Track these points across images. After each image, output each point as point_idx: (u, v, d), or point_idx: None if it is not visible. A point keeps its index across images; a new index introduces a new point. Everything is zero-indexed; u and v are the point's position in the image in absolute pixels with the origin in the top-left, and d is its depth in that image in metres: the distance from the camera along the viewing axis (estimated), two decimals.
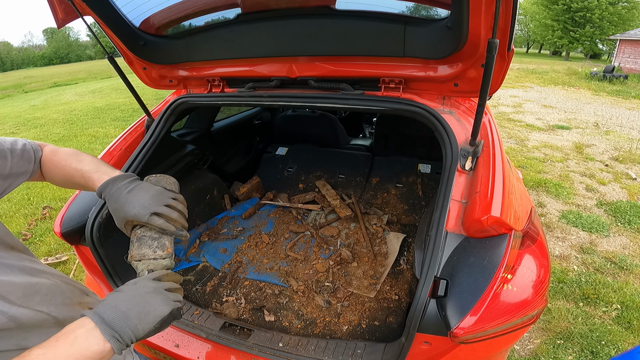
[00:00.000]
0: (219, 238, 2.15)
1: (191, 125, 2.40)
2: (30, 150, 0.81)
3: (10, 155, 0.76)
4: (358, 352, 1.26)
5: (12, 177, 0.77)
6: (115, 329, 0.55)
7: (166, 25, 1.50)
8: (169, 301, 0.62)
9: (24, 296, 0.61)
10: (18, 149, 0.78)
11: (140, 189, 0.73)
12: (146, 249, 0.73)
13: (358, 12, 1.27)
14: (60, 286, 0.69)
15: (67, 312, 0.67)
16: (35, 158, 0.82)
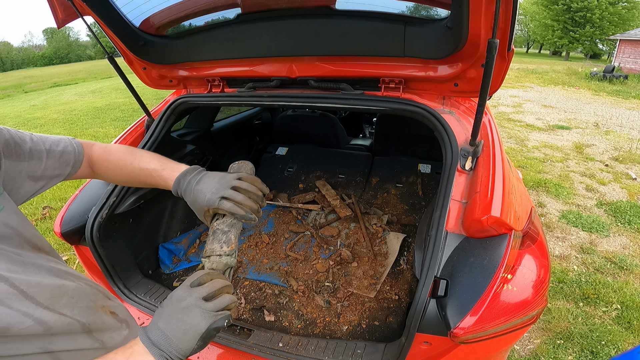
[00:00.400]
0: None
1: (191, 125, 2.40)
2: (70, 153, 0.79)
3: (45, 157, 0.74)
4: (358, 352, 1.26)
5: (45, 179, 0.75)
6: (162, 350, 0.55)
7: (166, 25, 1.50)
8: (206, 314, 0.57)
9: (52, 297, 0.59)
10: (57, 151, 0.76)
11: (207, 177, 0.74)
12: (216, 243, 0.72)
13: (358, 12, 1.27)
14: (85, 289, 0.68)
15: (90, 315, 0.66)
16: (75, 161, 0.80)
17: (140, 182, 0.82)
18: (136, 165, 0.80)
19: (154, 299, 1.54)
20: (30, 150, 0.71)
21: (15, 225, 0.62)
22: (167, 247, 1.96)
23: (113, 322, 0.70)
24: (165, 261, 1.90)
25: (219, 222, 0.75)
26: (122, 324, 0.72)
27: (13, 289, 0.54)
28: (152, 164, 0.79)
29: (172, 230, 2.04)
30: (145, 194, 1.69)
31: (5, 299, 0.52)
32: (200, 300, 0.58)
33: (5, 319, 0.52)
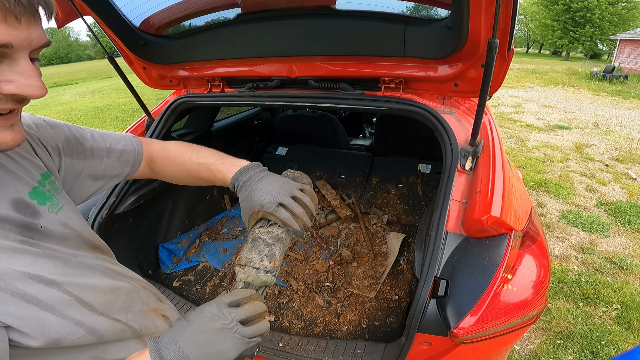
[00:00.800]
0: (219, 238, 2.16)
1: (191, 125, 2.40)
2: (130, 152, 0.77)
3: (106, 156, 0.72)
4: (358, 352, 1.26)
5: (104, 179, 0.73)
6: None
7: (166, 25, 1.50)
8: (240, 341, 0.51)
9: (107, 302, 0.56)
10: (117, 149, 0.74)
11: (270, 178, 0.68)
12: (255, 254, 0.65)
13: (358, 12, 1.27)
14: (139, 291, 0.64)
15: (143, 320, 0.62)
16: (134, 161, 0.77)
17: (198, 177, 0.77)
18: (194, 160, 0.76)
19: None
20: (91, 149, 0.69)
21: (74, 225, 0.60)
22: (167, 247, 1.96)
23: (164, 326, 0.66)
24: (165, 261, 1.90)
25: (262, 231, 0.68)
26: None
27: (68, 296, 0.51)
28: (210, 158, 0.75)
29: (172, 230, 2.04)
30: (145, 194, 1.69)
31: (59, 306, 0.49)
32: (237, 324, 0.52)
33: (57, 330, 0.48)
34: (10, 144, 0.45)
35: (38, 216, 0.54)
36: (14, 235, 0.50)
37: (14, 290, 0.46)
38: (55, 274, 0.51)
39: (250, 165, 0.72)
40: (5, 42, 0.38)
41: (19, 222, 0.51)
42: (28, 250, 0.50)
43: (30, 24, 0.41)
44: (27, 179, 0.56)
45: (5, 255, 0.47)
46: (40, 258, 0.50)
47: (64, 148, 0.65)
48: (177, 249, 1.97)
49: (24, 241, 0.50)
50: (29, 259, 0.49)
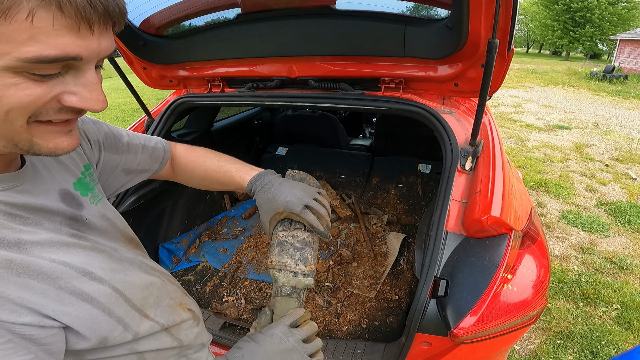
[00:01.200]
0: (219, 238, 2.16)
1: (191, 125, 2.40)
2: (160, 150, 0.79)
3: (141, 151, 0.74)
4: (358, 352, 1.26)
5: (135, 173, 0.75)
6: None
7: (166, 25, 1.50)
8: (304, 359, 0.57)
9: (142, 298, 0.55)
10: (150, 146, 0.77)
11: (291, 182, 0.71)
12: (288, 258, 0.66)
13: (358, 12, 1.27)
14: (167, 286, 0.64)
15: (170, 315, 0.61)
16: (163, 158, 0.80)
17: (216, 180, 0.80)
18: (215, 162, 0.79)
19: None
20: (128, 144, 0.71)
21: (111, 216, 0.60)
22: (167, 247, 1.96)
23: (190, 320, 0.67)
24: (165, 261, 1.90)
25: (286, 234, 0.68)
26: (194, 321, 0.69)
27: (115, 292, 0.50)
28: (230, 163, 0.79)
29: (172, 230, 2.04)
30: (145, 194, 1.69)
31: (108, 304, 0.49)
32: (301, 343, 0.58)
33: (105, 328, 0.48)
34: (66, 150, 0.43)
35: (82, 208, 0.54)
36: (66, 228, 0.49)
37: (72, 290, 0.45)
38: (104, 269, 0.50)
39: (269, 170, 0.75)
40: (76, 54, 0.36)
41: (68, 215, 0.51)
42: (80, 245, 0.49)
43: (102, 33, 0.38)
44: (73, 169, 0.56)
45: (61, 251, 0.46)
46: (91, 252, 0.50)
47: (104, 143, 0.67)
48: (177, 249, 1.97)
49: (74, 234, 0.50)
50: (82, 254, 0.48)
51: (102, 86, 0.43)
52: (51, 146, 0.42)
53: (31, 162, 0.49)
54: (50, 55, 0.34)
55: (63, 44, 0.34)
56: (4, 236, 0.41)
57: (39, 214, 0.46)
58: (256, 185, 0.72)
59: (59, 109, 0.40)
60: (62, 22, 0.34)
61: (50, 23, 0.33)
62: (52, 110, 0.39)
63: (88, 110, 0.41)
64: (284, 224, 0.70)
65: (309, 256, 0.68)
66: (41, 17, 0.32)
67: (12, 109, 0.36)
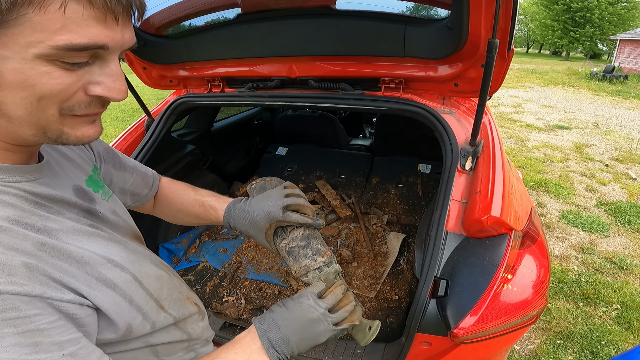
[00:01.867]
0: (219, 238, 2.16)
1: (191, 125, 2.40)
2: (150, 176, 0.81)
3: (135, 173, 0.76)
4: (358, 352, 1.26)
5: (128, 195, 0.76)
6: (278, 353, 0.57)
7: (166, 25, 1.50)
8: (329, 329, 0.60)
9: (157, 289, 0.57)
10: (141, 170, 0.79)
11: (257, 199, 0.72)
12: (304, 260, 0.68)
13: (358, 12, 1.27)
14: (174, 280, 0.65)
15: (180, 308, 0.62)
16: (153, 185, 0.81)
17: (192, 213, 0.81)
18: (192, 196, 0.81)
19: None
20: (124, 163, 0.74)
21: (121, 213, 0.62)
22: (167, 247, 1.96)
23: (196, 314, 0.69)
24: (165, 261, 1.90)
25: (287, 242, 0.70)
26: (200, 315, 0.71)
27: (135, 281, 0.52)
28: (206, 196, 0.80)
29: (172, 230, 2.04)
30: None
31: (129, 291, 0.50)
32: (327, 313, 0.60)
33: (128, 316, 0.49)
34: (92, 137, 0.45)
35: (95, 202, 0.55)
36: (84, 219, 0.51)
37: (98, 276, 0.46)
38: (124, 257, 0.52)
39: (235, 199, 0.76)
40: (103, 43, 0.38)
41: (84, 208, 0.52)
42: (99, 234, 0.51)
43: (125, 25, 0.41)
44: (85, 167, 0.59)
45: (84, 239, 0.48)
46: (110, 242, 0.52)
47: (104, 156, 0.69)
48: (177, 249, 1.97)
49: (92, 225, 0.51)
50: (102, 243, 0.50)
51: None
52: (79, 135, 0.44)
53: (47, 158, 0.51)
54: (81, 43, 0.36)
55: (92, 33, 0.37)
56: (34, 222, 0.43)
57: (60, 205, 0.48)
58: (231, 218, 0.73)
59: (88, 103, 0.42)
60: (91, 13, 0.36)
61: (80, 14, 0.35)
62: (83, 104, 0.41)
63: (111, 100, 0.43)
64: (279, 235, 0.71)
65: (319, 246, 0.69)
66: (72, 8, 0.35)
67: (43, 96, 0.38)
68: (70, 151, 0.58)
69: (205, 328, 0.72)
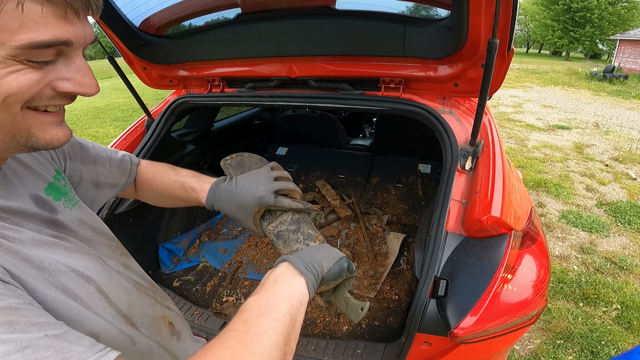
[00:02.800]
0: (219, 238, 2.16)
1: (191, 125, 2.40)
2: (128, 162, 0.77)
3: (108, 164, 0.72)
4: (358, 352, 1.26)
5: (104, 187, 0.72)
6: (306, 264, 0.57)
7: (166, 25, 1.50)
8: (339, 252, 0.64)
9: (128, 305, 0.55)
10: (117, 159, 0.75)
11: (243, 178, 0.69)
12: (295, 244, 0.67)
13: (358, 12, 1.27)
14: (146, 300, 0.62)
15: (152, 327, 0.60)
16: (131, 172, 0.78)
17: (171, 195, 0.78)
18: (172, 177, 0.77)
19: None
20: (95, 156, 0.70)
21: (89, 220, 0.59)
22: (167, 247, 1.96)
23: (169, 336, 0.65)
24: (165, 261, 1.90)
25: (275, 225, 0.69)
26: (174, 336, 0.66)
27: (99, 293, 0.50)
28: (187, 176, 0.76)
29: (172, 230, 2.04)
30: None
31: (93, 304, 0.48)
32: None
33: (93, 324, 0.47)
34: (62, 140, 0.45)
35: (56, 212, 0.53)
36: (46, 229, 0.49)
37: (57, 283, 0.44)
38: (90, 269, 0.50)
39: (217, 179, 0.72)
40: (66, 39, 0.38)
41: (45, 218, 0.50)
42: (63, 245, 0.49)
43: (85, 21, 0.41)
44: (44, 174, 0.55)
45: (44, 249, 0.46)
46: (75, 253, 0.49)
47: (69, 152, 0.66)
48: (177, 249, 1.97)
49: (56, 235, 0.49)
50: (66, 253, 0.48)
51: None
52: (48, 138, 0.43)
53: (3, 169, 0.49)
54: (43, 40, 0.36)
55: (53, 29, 0.37)
56: None
57: (18, 216, 0.46)
58: (214, 200, 0.70)
59: (53, 96, 0.41)
60: (50, 10, 0.36)
61: (39, 11, 0.35)
62: (45, 97, 0.41)
63: (83, 95, 0.43)
64: (266, 218, 0.69)
65: (310, 231, 0.68)
66: (30, 6, 0.35)
67: (11, 94, 0.37)
68: (29, 158, 0.55)
69: (187, 348, 0.69)
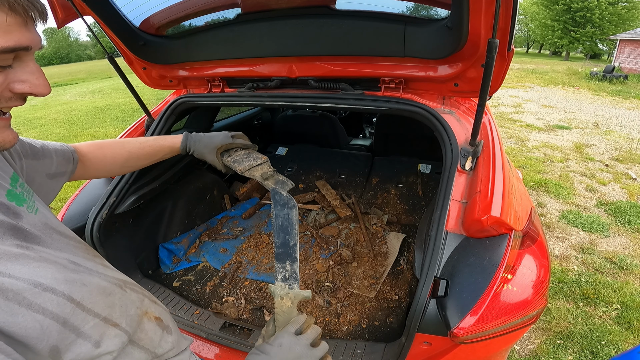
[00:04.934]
0: (219, 238, 2.16)
1: (191, 125, 2.40)
2: (67, 151, 0.82)
3: (54, 154, 0.77)
4: (358, 352, 1.26)
5: (57, 177, 0.77)
6: None
7: (166, 25, 1.50)
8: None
9: (107, 307, 0.54)
10: (58, 149, 0.80)
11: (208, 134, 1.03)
12: (246, 162, 0.94)
13: (358, 12, 1.27)
14: (131, 295, 0.62)
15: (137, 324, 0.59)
16: (73, 158, 0.83)
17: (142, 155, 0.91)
18: (135, 142, 0.91)
19: None
20: (42, 149, 0.75)
21: (54, 224, 0.57)
22: (167, 247, 1.96)
23: (156, 331, 0.64)
24: (165, 261, 1.90)
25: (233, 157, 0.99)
26: (163, 330, 0.66)
27: (70, 302, 0.48)
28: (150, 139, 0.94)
29: (172, 230, 2.04)
30: (145, 194, 1.69)
31: (63, 314, 0.47)
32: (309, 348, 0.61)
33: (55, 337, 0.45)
34: (12, 142, 0.48)
35: (20, 218, 0.51)
36: (10, 239, 0.46)
37: (21, 301, 0.43)
38: (58, 279, 0.48)
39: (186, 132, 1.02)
40: (27, 45, 0.43)
41: (9, 225, 0.48)
42: (28, 256, 0.47)
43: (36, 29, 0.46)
44: (2, 182, 0.53)
45: (9, 263, 0.44)
46: (42, 263, 0.48)
47: (22, 151, 0.68)
48: (177, 249, 1.97)
49: (20, 245, 0.47)
50: (32, 265, 0.46)
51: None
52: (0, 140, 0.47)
53: None
54: (9, 46, 0.41)
55: (17, 36, 0.42)
56: None
57: None
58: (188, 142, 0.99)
59: (10, 97, 0.46)
60: (14, 19, 0.41)
61: (4, 20, 0.40)
62: (4, 98, 0.46)
63: (37, 95, 0.48)
64: (224, 155, 1.01)
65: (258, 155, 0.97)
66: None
67: None
68: None
69: (177, 341, 0.68)
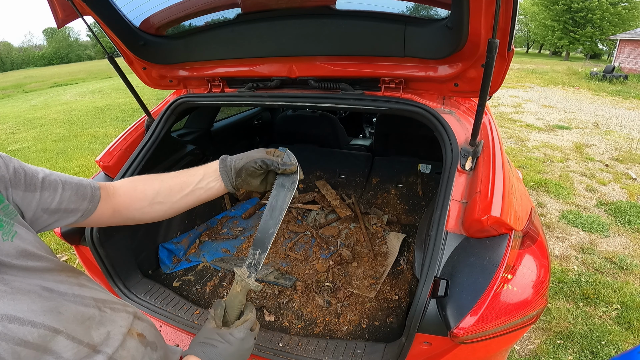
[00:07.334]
0: (219, 238, 2.16)
1: (191, 125, 2.40)
2: (86, 187, 0.73)
3: (61, 188, 0.67)
4: (358, 352, 1.26)
5: (59, 213, 0.68)
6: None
7: (166, 25, 1.50)
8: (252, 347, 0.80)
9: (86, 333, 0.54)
10: (73, 183, 0.71)
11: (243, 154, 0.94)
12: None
13: (358, 12, 1.27)
14: (112, 315, 0.61)
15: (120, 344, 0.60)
16: (93, 196, 0.73)
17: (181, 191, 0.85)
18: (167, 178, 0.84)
19: (153, 299, 1.54)
20: (43, 180, 0.65)
21: (33, 250, 0.54)
22: (167, 247, 1.96)
23: (138, 348, 0.63)
24: (165, 261, 1.90)
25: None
26: (147, 347, 0.65)
27: (50, 332, 0.48)
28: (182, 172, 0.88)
29: (172, 230, 2.04)
30: None
31: (44, 343, 0.47)
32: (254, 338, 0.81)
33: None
34: None
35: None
36: None
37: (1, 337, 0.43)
38: (35, 311, 0.48)
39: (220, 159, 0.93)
40: None
41: None
42: (1, 290, 0.46)
43: None
44: None
45: None
46: (17, 295, 0.47)
47: (11, 180, 0.60)
48: (177, 249, 1.97)
49: None
50: (6, 298, 0.45)
51: None
52: None
53: None
54: None
55: None
56: None
57: None
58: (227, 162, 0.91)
59: None
60: None
61: None
62: None
63: None
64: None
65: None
66: None
67: None
68: None
69: (163, 356, 0.70)
